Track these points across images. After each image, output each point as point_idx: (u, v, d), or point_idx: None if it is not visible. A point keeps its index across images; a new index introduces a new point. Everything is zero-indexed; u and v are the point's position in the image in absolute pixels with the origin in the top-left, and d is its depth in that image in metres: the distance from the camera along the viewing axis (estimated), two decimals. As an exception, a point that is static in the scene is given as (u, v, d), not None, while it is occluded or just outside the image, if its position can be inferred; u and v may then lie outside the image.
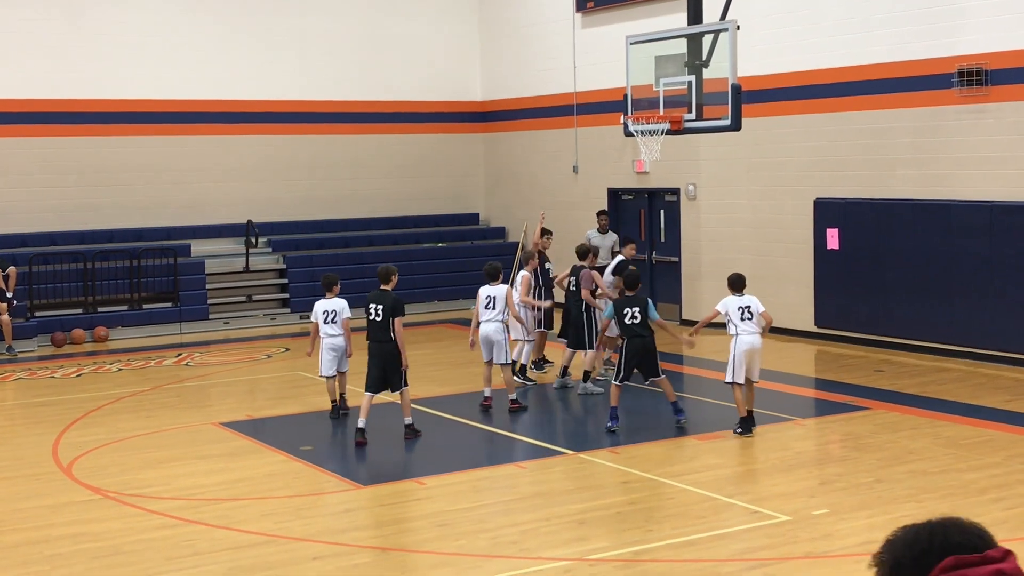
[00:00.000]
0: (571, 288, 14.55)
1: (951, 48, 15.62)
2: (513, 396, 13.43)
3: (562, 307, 15.09)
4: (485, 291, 13.54)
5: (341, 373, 13.41)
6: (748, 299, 12.29)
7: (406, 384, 12.16)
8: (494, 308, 13.41)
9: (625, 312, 12.27)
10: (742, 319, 12.09)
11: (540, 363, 15.78)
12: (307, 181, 23.08)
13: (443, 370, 16.30)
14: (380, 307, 12.12)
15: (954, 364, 15.58)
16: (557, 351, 15.68)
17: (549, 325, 15.45)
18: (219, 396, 15.00)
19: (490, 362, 13.53)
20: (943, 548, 2.67)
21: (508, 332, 13.68)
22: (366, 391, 12.15)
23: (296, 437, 12.90)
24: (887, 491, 9.96)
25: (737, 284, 12.44)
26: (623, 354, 12.43)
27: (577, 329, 14.30)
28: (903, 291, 16.50)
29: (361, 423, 12.02)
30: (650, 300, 12.61)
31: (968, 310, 15.67)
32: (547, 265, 15.63)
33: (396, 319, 12.05)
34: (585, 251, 14.67)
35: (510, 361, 13.61)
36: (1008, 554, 2.70)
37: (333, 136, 23.22)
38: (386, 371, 12.09)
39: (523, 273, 14.87)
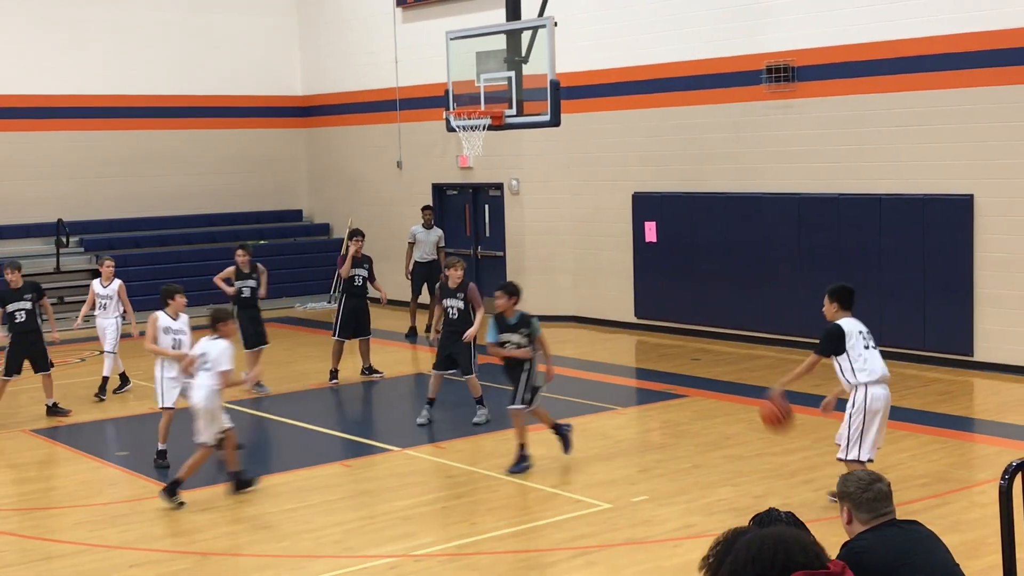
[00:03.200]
0: None
1: (760, 45, 16.17)
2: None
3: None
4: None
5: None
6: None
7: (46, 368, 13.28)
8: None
9: None
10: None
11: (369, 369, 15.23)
12: (121, 178, 22.36)
13: (266, 369, 16.03)
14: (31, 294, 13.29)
15: (766, 351, 16.15)
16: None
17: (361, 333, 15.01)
18: (30, 402, 14.38)
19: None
20: (785, 567, 2.71)
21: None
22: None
23: (111, 443, 12.51)
24: (704, 476, 10.26)
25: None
26: None
27: None
28: (717, 281, 17.01)
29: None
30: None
31: (778, 298, 16.27)
32: (355, 271, 14.76)
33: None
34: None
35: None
36: (845, 569, 2.77)
37: (149, 131, 22.57)
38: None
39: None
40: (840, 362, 9.03)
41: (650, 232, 17.79)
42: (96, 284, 14.66)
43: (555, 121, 13.43)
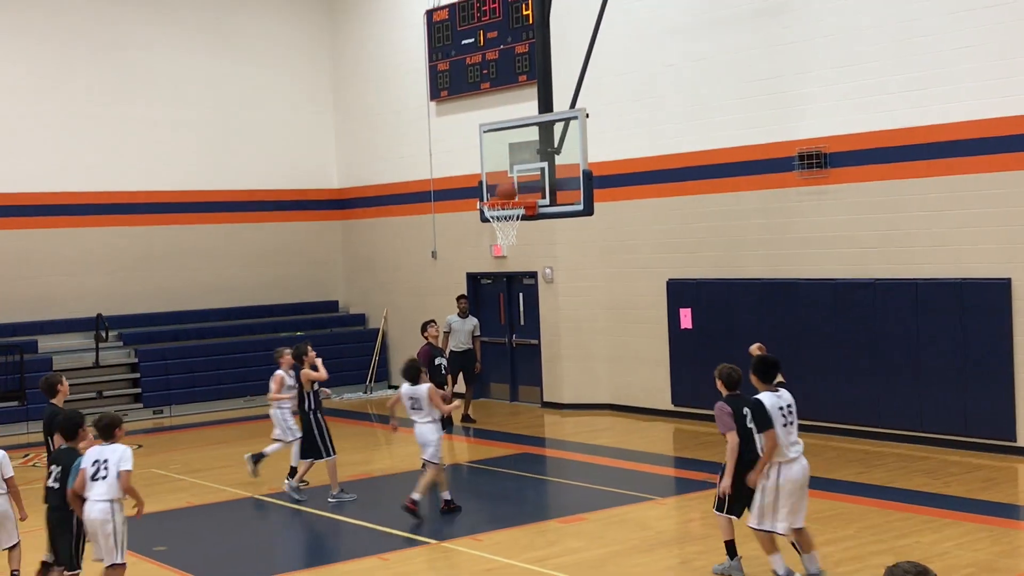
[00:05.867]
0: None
1: (792, 132, 16.26)
2: (447, 495, 12.64)
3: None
4: (406, 391, 12.52)
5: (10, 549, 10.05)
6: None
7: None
8: (420, 408, 12.49)
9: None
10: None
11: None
12: (160, 272, 22.65)
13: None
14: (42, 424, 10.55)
15: (807, 438, 15.86)
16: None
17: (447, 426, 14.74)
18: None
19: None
20: None
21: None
22: None
23: (150, 537, 12.47)
24: (747, 568, 10.08)
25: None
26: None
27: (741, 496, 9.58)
28: (755, 368, 16.88)
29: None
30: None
31: (816, 385, 16.13)
32: (438, 360, 14.93)
33: (52, 437, 9.97)
34: (734, 381, 9.89)
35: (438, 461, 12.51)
36: None
37: (187, 226, 22.90)
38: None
39: (277, 372, 14.26)
40: (758, 437, 9.24)
41: (685, 319, 17.75)
42: (285, 374, 14.29)
43: (588, 210, 13.49)
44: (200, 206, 23.00)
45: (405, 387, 12.52)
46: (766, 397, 9.28)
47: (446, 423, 18.04)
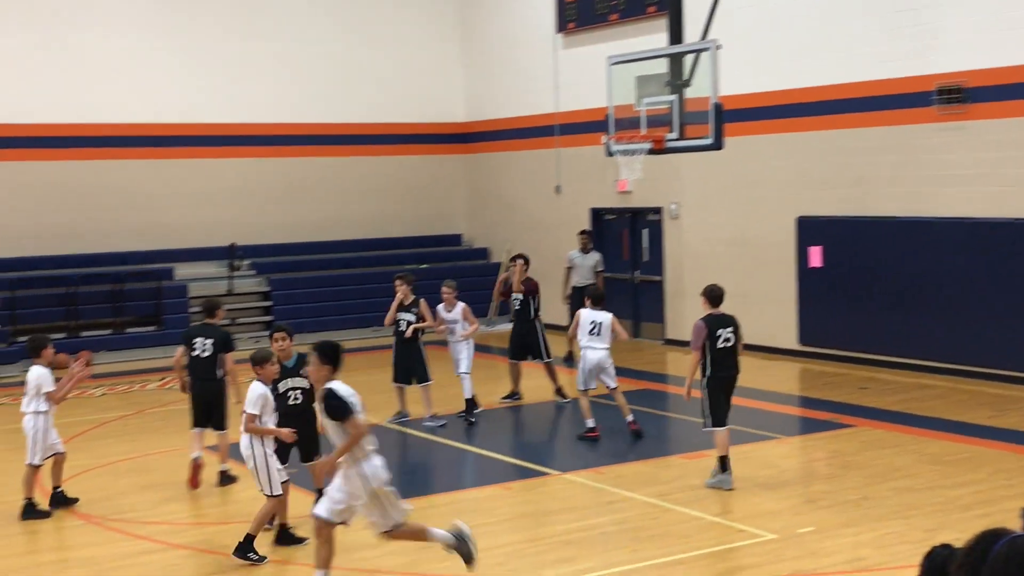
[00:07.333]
0: None
1: (930, 66, 15.73)
2: (631, 418, 13.07)
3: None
4: (589, 316, 13.03)
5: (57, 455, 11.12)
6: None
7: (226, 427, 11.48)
8: (599, 334, 13.02)
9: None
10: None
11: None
12: (290, 204, 23.07)
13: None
14: (209, 341, 11.37)
15: (937, 380, 15.64)
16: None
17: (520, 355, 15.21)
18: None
19: (586, 391, 13.09)
20: None
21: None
22: (194, 427, 11.49)
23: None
24: (873, 508, 9.98)
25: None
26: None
27: None
28: (885, 308, 16.56)
29: (224, 466, 11.56)
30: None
31: (949, 326, 15.74)
32: (514, 296, 15.26)
33: (227, 355, 11.41)
34: (716, 296, 11.20)
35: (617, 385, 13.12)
36: None
37: (316, 159, 23.25)
38: (210, 408, 11.46)
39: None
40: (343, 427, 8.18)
41: (815, 257, 17.43)
42: (440, 309, 14.60)
43: (718, 144, 13.29)
44: (329, 139, 23.31)
45: (587, 311, 13.14)
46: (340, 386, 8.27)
47: (568, 356, 18.19)
